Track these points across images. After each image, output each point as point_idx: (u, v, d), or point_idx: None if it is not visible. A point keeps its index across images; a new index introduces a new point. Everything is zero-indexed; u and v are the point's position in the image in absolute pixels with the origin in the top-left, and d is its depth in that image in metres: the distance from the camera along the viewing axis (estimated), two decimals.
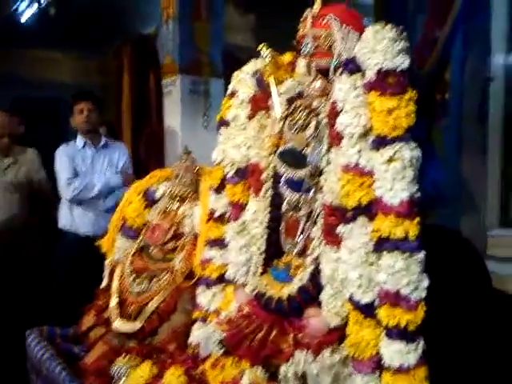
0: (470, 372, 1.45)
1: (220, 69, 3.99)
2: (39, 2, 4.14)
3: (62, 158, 3.42)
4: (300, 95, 1.70)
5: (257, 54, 1.78)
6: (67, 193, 3.36)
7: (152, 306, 1.86)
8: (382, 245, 1.31)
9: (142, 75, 4.21)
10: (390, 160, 1.30)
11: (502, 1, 4.72)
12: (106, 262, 2.14)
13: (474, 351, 1.47)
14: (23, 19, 5.53)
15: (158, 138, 3.97)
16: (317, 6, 1.61)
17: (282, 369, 1.42)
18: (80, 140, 3.49)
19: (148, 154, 3.75)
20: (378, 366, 1.34)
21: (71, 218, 3.42)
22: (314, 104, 1.60)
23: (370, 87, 1.35)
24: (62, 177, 3.37)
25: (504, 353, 1.48)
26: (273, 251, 1.67)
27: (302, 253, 1.60)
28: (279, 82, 1.73)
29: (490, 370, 1.47)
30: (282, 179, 1.63)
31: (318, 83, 1.63)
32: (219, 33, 4.08)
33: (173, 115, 3.89)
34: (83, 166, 3.45)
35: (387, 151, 1.31)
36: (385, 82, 1.32)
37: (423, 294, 1.29)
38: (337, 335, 1.44)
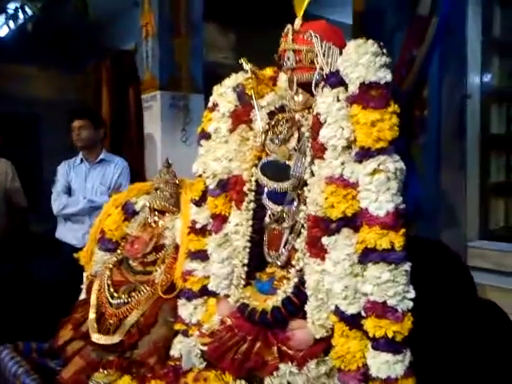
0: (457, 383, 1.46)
1: (200, 84, 4.00)
2: (17, 18, 4.11)
3: (58, 173, 3.60)
4: (282, 109, 1.72)
5: (239, 71, 1.79)
6: (53, 208, 3.51)
7: (132, 319, 1.82)
8: (367, 256, 1.32)
9: (121, 90, 4.19)
10: (374, 172, 1.32)
11: (475, 22, 4.88)
12: (84, 275, 2.11)
13: (460, 360, 1.48)
14: (0, 34, 5.47)
15: (137, 152, 3.94)
16: (298, 21, 1.63)
17: (267, 381, 1.41)
18: (79, 156, 3.64)
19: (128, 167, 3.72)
20: (364, 377, 1.34)
21: (64, 230, 3.55)
22: (297, 117, 1.62)
23: (352, 100, 1.37)
24: (53, 192, 3.53)
25: (490, 361, 1.49)
26: (255, 263, 1.67)
27: (286, 265, 1.61)
28: (260, 96, 1.75)
29: (476, 381, 1.48)
30: (265, 191, 1.64)
31: (300, 97, 1.65)
32: (199, 48, 4.09)
33: (153, 129, 3.88)
34: (76, 181, 3.57)
35: (371, 163, 1.32)
36: (368, 94, 1.34)
37: (410, 305, 1.30)
38: (322, 347, 1.44)
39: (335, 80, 1.42)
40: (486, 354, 1.50)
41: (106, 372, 1.68)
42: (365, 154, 1.33)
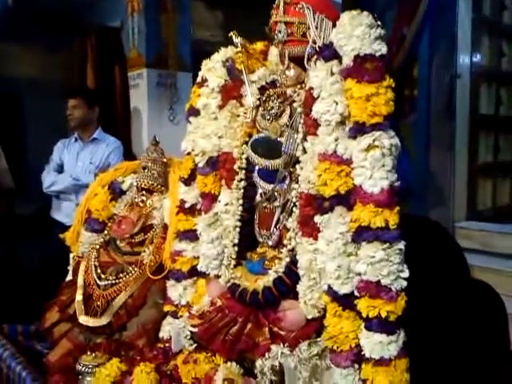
0: (450, 363, 1.44)
1: (188, 62, 3.94)
2: None
3: (54, 151, 3.69)
4: (273, 84, 1.67)
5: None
6: (43, 185, 3.60)
7: (120, 300, 1.78)
8: (361, 234, 1.28)
9: (106, 68, 4.10)
10: (369, 148, 1.28)
11: (466, 3, 4.84)
12: (71, 256, 2.06)
13: (452, 340, 1.46)
14: None
15: (124, 131, 3.88)
16: None
17: (258, 363, 1.37)
18: (74, 134, 3.70)
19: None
20: (357, 358, 1.31)
21: (55, 208, 3.65)
22: (288, 92, 1.57)
23: (346, 74, 1.32)
24: (44, 171, 3.63)
25: (482, 342, 1.48)
26: (246, 243, 1.63)
27: (277, 244, 1.57)
28: (251, 71, 1.69)
29: (470, 360, 1.46)
30: (256, 169, 1.59)
31: (292, 71, 1.60)
32: (187, 25, 4.02)
33: (139, 108, 3.82)
34: (69, 159, 3.62)
35: (365, 139, 1.28)
36: (362, 68, 1.30)
37: (404, 285, 1.27)
38: (314, 328, 1.41)
39: (328, 53, 1.37)
40: (478, 333, 1.49)
41: (93, 355, 1.64)
42: (359, 130, 1.29)
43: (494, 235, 4.27)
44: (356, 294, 1.32)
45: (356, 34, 1.31)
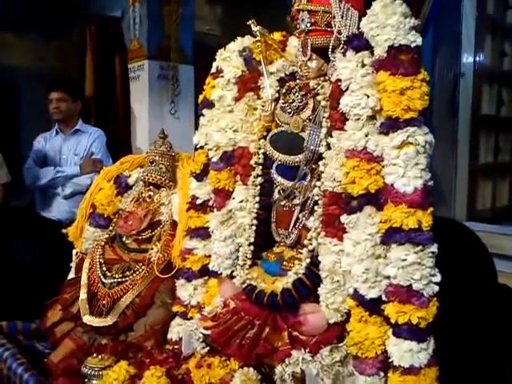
0: (478, 370, 1.38)
1: (190, 55, 3.85)
2: None
3: (33, 146, 3.64)
4: (292, 76, 1.60)
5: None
6: (26, 180, 3.55)
7: (126, 299, 1.70)
8: (391, 236, 1.21)
9: (106, 59, 4.00)
10: (402, 144, 1.21)
11: (471, 2, 4.80)
12: (74, 253, 1.98)
13: (481, 347, 1.40)
14: None
15: (124, 125, 3.79)
16: None
17: (278, 369, 1.30)
18: (54, 127, 3.65)
19: (114, 140, 3.58)
20: (382, 365, 1.25)
21: (40, 203, 3.60)
22: (311, 84, 1.49)
23: (379, 65, 1.25)
24: (25, 165, 3.57)
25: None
26: (262, 242, 1.56)
27: (295, 244, 1.50)
28: (269, 62, 1.62)
29: (498, 367, 1.40)
30: (274, 165, 1.52)
31: (314, 63, 1.53)
32: (189, 17, 3.93)
33: (140, 101, 3.73)
34: (51, 152, 3.57)
35: (399, 135, 1.20)
36: (397, 59, 1.22)
37: (435, 289, 1.20)
38: (335, 333, 1.34)
39: (359, 43, 1.29)
40: (507, 340, 1.42)
41: (100, 357, 1.56)
42: (392, 125, 1.22)
43: (494, 236, 4.23)
44: (384, 298, 1.25)
45: (390, 23, 1.23)
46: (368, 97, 1.25)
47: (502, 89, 5.33)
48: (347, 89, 1.29)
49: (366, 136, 1.26)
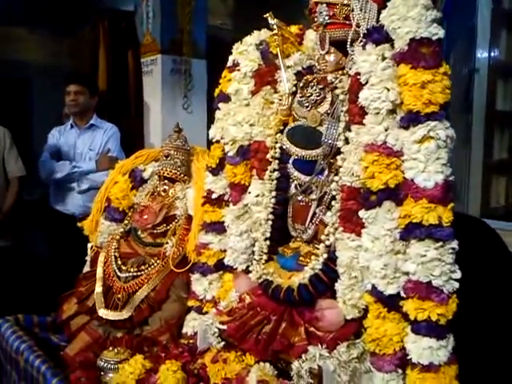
0: (498, 368, 1.36)
1: (203, 49, 3.84)
2: None
3: (48, 139, 3.63)
4: (309, 69, 1.58)
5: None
6: (41, 174, 3.55)
7: (141, 294, 1.71)
8: (411, 231, 1.19)
9: (119, 54, 4.00)
10: (423, 139, 1.19)
11: None
12: (89, 246, 1.98)
13: (501, 345, 1.38)
14: None
15: (136, 119, 3.79)
16: None
17: (295, 365, 1.29)
18: (69, 121, 3.64)
19: (127, 135, 3.58)
20: (401, 362, 1.23)
21: (55, 197, 3.58)
22: (329, 78, 1.48)
23: (400, 58, 1.23)
24: (41, 158, 3.56)
25: None
26: (278, 237, 1.55)
27: (312, 239, 1.49)
28: (286, 56, 1.60)
29: None
30: (291, 160, 1.50)
31: (332, 56, 1.51)
32: (202, 12, 3.91)
33: (153, 95, 3.72)
34: (66, 146, 3.56)
35: (420, 129, 1.19)
36: (418, 52, 1.20)
37: (455, 286, 1.18)
38: (353, 329, 1.33)
39: (380, 36, 1.27)
40: None
41: (116, 350, 1.55)
42: (413, 119, 1.20)
43: (507, 233, 4.19)
44: (402, 294, 1.23)
45: (411, 15, 1.21)
46: (388, 90, 1.23)
47: None
48: (366, 82, 1.28)
49: (386, 130, 1.24)
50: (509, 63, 5.13)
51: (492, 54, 4.95)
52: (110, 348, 1.58)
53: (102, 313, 1.69)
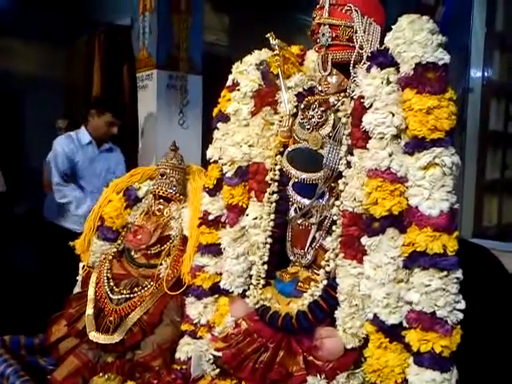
0: None
1: (199, 65, 3.82)
2: None
3: (60, 154, 3.34)
4: (310, 91, 1.56)
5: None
6: (56, 196, 3.34)
7: (134, 316, 1.65)
8: (415, 260, 1.16)
9: (115, 68, 3.97)
10: (428, 165, 1.16)
11: (480, 17, 4.79)
12: (81, 266, 1.93)
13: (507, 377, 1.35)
14: None
15: (131, 134, 3.75)
16: None
17: None
18: (85, 135, 3.42)
19: (121, 149, 3.53)
20: None
21: (51, 210, 3.43)
22: (331, 100, 1.45)
23: (406, 83, 1.21)
24: (54, 178, 3.32)
25: None
26: (276, 261, 1.52)
27: (311, 264, 1.45)
28: (287, 76, 1.58)
29: None
30: (291, 183, 1.47)
31: (334, 78, 1.48)
32: (199, 27, 3.90)
33: (148, 110, 3.69)
34: (83, 164, 3.39)
35: (425, 156, 1.16)
36: (424, 77, 1.18)
37: (460, 317, 1.15)
38: (352, 358, 1.29)
39: (385, 59, 1.25)
40: None
41: (106, 376, 1.51)
42: (418, 145, 1.17)
43: (501, 254, 4.18)
44: (405, 324, 1.20)
45: (417, 39, 1.19)
46: (393, 115, 1.21)
47: (510, 104, 5.30)
48: (370, 106, 1.25)
49: (390, 155, 1.21)
50: (502, 83, 5.17)
51: (485, 74, 4.99)
52: (100, 374, 1.54)
53: (93, 336, 1.64)
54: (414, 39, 1.20)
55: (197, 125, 3.64)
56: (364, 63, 1.35)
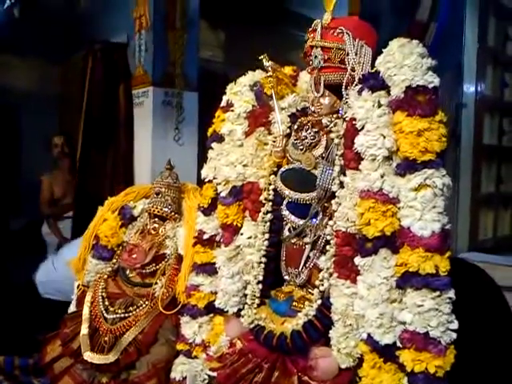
0: None
1: (194, 81, 3.82)
2: (3, 2, 3.88)
3: None
4: (303, 111, 1.57)
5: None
6: None
7: (129, 336, 1.66)
8: (407, 280, 1.18)
9: (111, 85, 3.98)
10: (420, 187, 1.18)
11: (473, 33, 4.85)
12: (75, 285, 1.93)
13: None
14: None
15: (126, 151, 3.74)
16: (327, 16, 1.48)
17: None
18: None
19: (115, 168, 3.54)
20: None
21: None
22: (324, 121, 1.47)
23: (396, 106, 1.23)
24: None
25: None
26: (270, 280, 1.52)
27: (305, 284, 1.46)
28: (280, 97, 1.60)
29: None
30: (284, 202, 1.49)
31: (327, 99, 1.50)
32: (194, 44, 3.92)
33: (143, 127, 3.69)
34: None
35: (416, 177, 1.18)
36: (414, 100, 1.20)
37: (453, 337, 1.16)
38: (347, 378, 1.30)
39: (376, 82, 1.27)
40: None
41: None
42: (409, 167, 1.19)
43: (496, 267, 4.19)
44: (399, 344, 1.20)
45: (407, 63, 1.22)
46: (384, 137, 1.23)
47: (503, 119, 5.36)
48: (362, 128, 1.27)
49: (382, 177, 1.23)
50: (495, 98, 5.22)
51: (478, 89, 5.04)
52: None
53: (88, 356, 1.64)
54: (405, 63, 1.22)
55: (192, 141, 3.63)
56: (356, 85, 1.37)
